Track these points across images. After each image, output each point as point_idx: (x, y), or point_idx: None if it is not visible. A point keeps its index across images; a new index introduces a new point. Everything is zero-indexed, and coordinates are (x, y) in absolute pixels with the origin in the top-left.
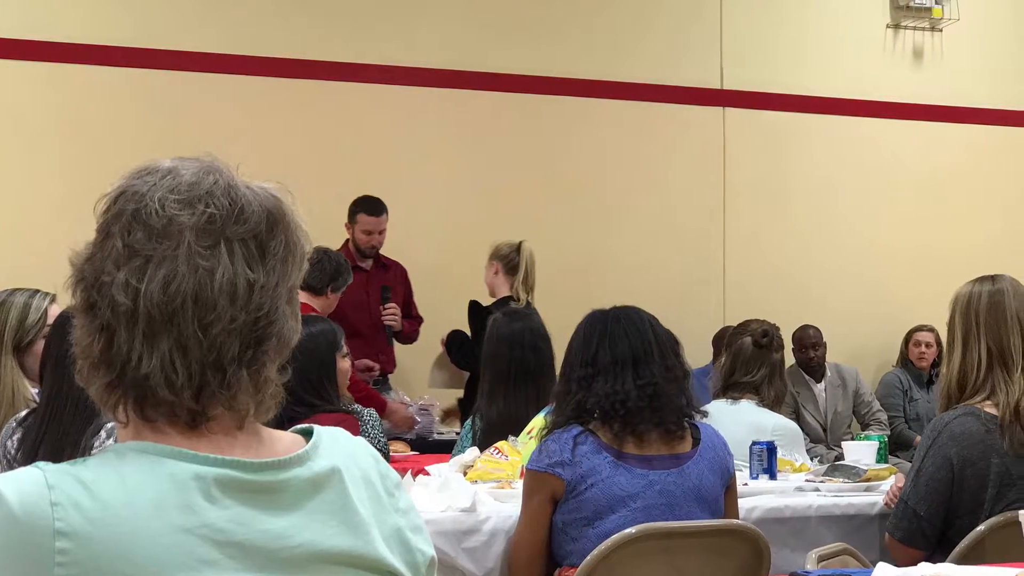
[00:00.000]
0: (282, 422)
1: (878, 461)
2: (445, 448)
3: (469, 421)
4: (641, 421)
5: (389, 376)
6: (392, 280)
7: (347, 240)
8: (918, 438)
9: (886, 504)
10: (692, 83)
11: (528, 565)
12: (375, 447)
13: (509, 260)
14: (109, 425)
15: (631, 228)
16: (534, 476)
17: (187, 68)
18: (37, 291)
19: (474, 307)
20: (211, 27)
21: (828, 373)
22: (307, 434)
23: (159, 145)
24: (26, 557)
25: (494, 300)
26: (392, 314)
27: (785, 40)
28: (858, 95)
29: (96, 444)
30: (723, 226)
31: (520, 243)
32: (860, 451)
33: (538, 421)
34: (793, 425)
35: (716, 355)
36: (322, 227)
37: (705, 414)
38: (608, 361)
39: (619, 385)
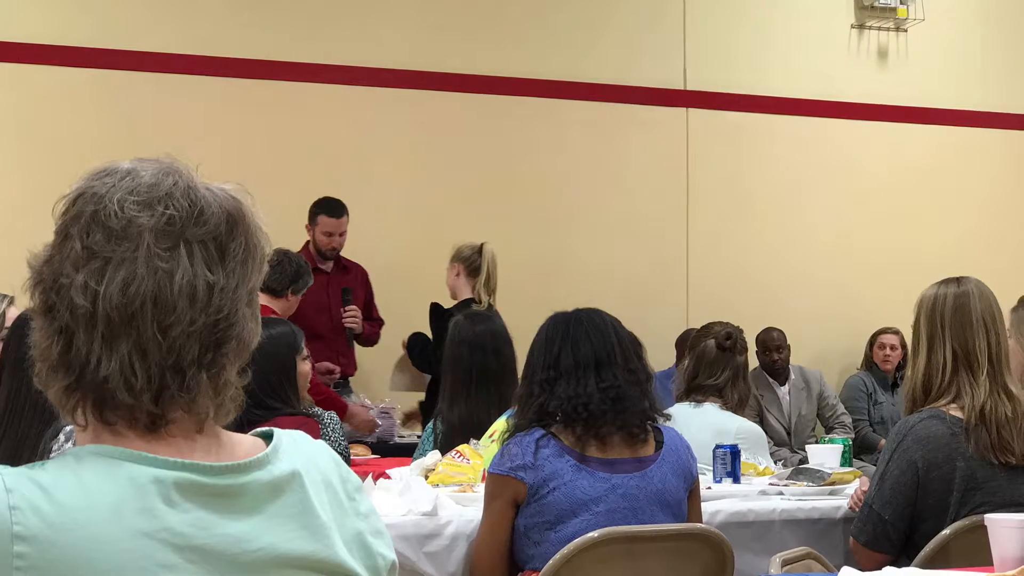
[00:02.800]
0: (242, 425)
1: (842, 464)
2: (406, 451)
3: (430, 424)
4: (603, 424)
5: (350, 379)
6: (353, 282)
7: (307, 242)
8: (883, 441)
9: (850, 508)
10: (655, 83)
11: (490, 569)
12: (336, 450)
13: (471, 262)
14: (67, 428)
15: (594, 230)
16: (496, 479)
17: (146, 68)
18: None
19: (435, 309)
20: (170, 27)
21: (792, 376)
22: (267, 437)
23: (118, 146)
24: None
25: (456, 302)
26: (353, 316)
27: (749, 40)
28: (823, 96)
29: (55, 447)
30: (686, 227)
31: (482, 245)
32: (824, 454)
33: (500, 424)
34: (757, 428)
35: (679, 358)
36: (283, 229)
37: (668, 417)
38: (570, 364)
39: (581, 388)
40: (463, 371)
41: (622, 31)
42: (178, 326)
